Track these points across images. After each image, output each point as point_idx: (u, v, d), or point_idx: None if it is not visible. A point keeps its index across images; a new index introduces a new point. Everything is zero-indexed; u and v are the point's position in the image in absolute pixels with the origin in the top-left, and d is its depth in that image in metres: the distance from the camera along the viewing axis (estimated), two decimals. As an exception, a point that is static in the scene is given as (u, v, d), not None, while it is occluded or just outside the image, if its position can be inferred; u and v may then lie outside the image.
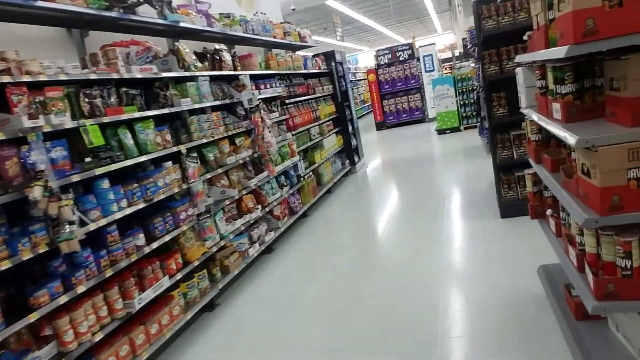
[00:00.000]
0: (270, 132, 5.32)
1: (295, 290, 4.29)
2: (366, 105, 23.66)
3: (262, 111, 5.26)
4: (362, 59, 33.12)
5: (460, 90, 11.62)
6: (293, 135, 6.64)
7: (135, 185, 3.32)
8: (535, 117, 2.57)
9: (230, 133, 4.83)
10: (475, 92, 8.46)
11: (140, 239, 3.32)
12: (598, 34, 1.70)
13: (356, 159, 9.65)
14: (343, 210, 6.97)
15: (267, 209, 5.38)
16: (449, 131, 11.89)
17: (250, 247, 4.80)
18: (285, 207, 6.05)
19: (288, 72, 7.01)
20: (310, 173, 7.14)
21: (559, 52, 1.84)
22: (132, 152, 3.34)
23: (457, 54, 17.40)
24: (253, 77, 5.53)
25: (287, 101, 6.71)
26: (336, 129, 8.95)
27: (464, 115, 11.73)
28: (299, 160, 6.69)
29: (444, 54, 23.41)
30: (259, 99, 5.32)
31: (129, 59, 3.67)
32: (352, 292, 4.02)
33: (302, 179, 6.63)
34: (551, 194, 2.93)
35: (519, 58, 2.90)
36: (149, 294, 3.28)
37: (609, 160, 1.78)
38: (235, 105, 5.16)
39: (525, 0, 4.52)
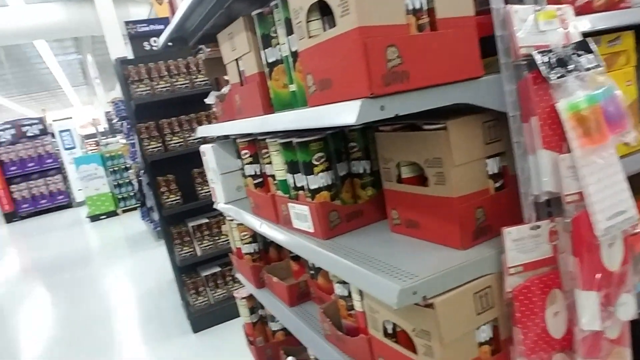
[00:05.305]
0: None
1: None
2: (-10, 192, 18.59)
3: None
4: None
5: (112, 170, 10.09)
6: None
7: None
8: (255, 223, 1.59)
9: None
10: (135, 175, 7.19)
11: None
12: (407, 78, 0.84)
13: (-30, 274, 6.71)
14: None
15: None
16: (104, 217, 10.08)
17: None
18: None
19: None
20: None
21: (329, 115, 0.88)
22: None
23: (101, 129, 15.75)
24: None
25: None
26: None
27: (120, 197, 10.21)
28: None
29: (86, 130, 21.13)
30: None
31: None
32: None
33: None
34: (282, 326, 2.00)
35: (205, 130, 1.89)
36: None
37: (452, 319, 0.91)
38: None
39: (184, 64, 3.70)
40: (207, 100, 1.88)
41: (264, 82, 1.30)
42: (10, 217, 12.39)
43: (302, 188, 1.27)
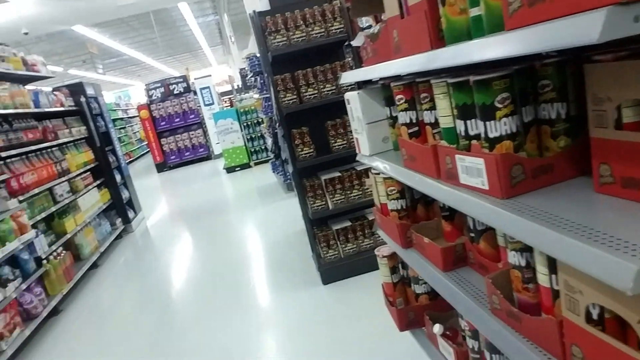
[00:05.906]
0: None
1: None
2: (144, 144, 21.14)
3: None
4: (135, 93, 30.15)
5: (245, 124, 10.66)
6: (21, 201, 4.50)
7: None
8: (408, 177, 1.43)
9: None
10: (269, 128, 7.46)
11: None
12: (682, -27, 0.59)
13: (131, 214, 7.68)
14: (119, 289, 5.04)
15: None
16: (238, 168, 10.78)
17: None
18: (14, 314, 3.87)
19: (4, 111, 4.79)
20: (61, 249, 5.10)
21: (547, 35, 0.67)
22: None
23: (236, 86, 16.69)
24: None
25: (2, 154, 4.51)
26: (98, 181, 6.89)
27: (253, 150, 10.80)
28: (37, 235, 4.60)
29: (222, 88, 22.62)
30: None
31: None
32: None
33: (45, 261, 4.56)
34: (428, 289, 1.85)
35: (353, 75, 1.75)
36: None
37: None
38: None
39: (319, 12, 3.59)
40: (354, 42, 1.73)
41: (434, 10, 1.10)
42: (160, 167, 13.94)
43: (476, 137, 1.07)
